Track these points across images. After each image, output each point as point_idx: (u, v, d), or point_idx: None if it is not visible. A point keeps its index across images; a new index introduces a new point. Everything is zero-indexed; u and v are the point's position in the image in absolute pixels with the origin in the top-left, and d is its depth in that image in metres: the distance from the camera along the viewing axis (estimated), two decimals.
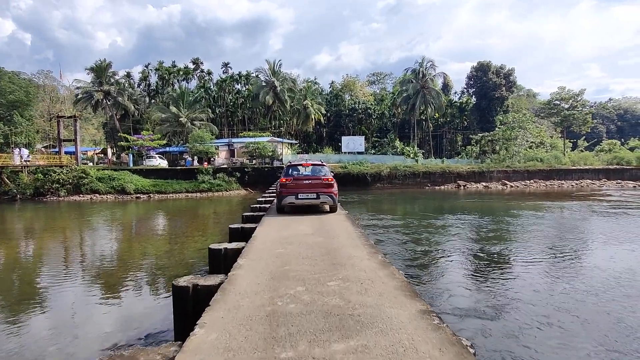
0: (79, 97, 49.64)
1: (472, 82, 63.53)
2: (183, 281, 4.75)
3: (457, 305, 7.15)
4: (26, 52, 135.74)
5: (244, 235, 8.39)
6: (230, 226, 8.76)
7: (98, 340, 6.27)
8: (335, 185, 10.33)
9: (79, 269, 10.78)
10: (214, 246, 6.78)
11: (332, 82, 72.27)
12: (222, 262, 6.73)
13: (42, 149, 49.32)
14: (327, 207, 10.45)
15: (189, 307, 4.60)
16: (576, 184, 41.91)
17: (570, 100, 52.57)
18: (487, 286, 8.34)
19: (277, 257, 5.29)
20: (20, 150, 31.01)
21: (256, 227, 8.39)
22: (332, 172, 11.22)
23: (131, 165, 38.22)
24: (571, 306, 7.07)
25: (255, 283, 4.14)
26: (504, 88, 59.22)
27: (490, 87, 58.88)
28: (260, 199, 14.90)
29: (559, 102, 53.08)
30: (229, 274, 4.57)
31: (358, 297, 3.62)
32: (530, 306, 7.03)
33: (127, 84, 56.56)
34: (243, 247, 6.58)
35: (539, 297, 7.52)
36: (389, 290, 3.82)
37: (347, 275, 4.32)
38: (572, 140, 62.82)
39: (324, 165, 10.96)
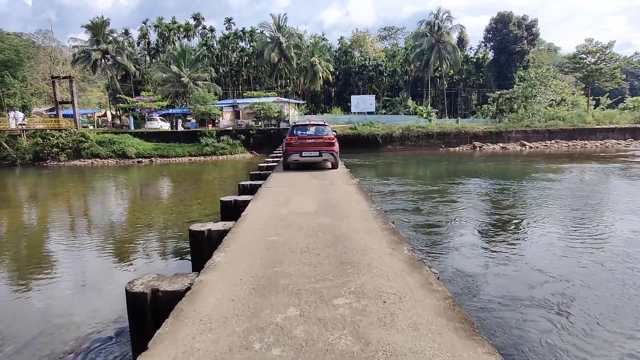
0: (76, 57, 47.52)
1: (490, 36, 59.32)
2: (140, 284, 3.51)
3: (486, 293, 5.89)
4: (27, 13, 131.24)
5: (237, 209, 7.12)
6: (221, 199, 7.47)
7: (64, 338, 5.20)
8: (337, 144, 11.15)
9: (67, 245, 9.76)
10: (195, 227, 5.52)
11: (341, 38, 68.49)
12: (205, 246, 5.51)
13: (44, 112, 48.14)
14: (329, 165, 11.31)
15: (148, 318, 3.41)
16: (600, 144, 39.52)
17: (598, 54, 48.67)
18: (515, 269, 7.04)
19: (267, 249, 3.98)
20: (15, 113, 29.71)
21: (251, 199, 7.11)
22: (334, 131, 11.95)
23: (132, 128, 36.90)
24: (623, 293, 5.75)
25: (229, 299, 2.84)
26: (525, 41, 55.17)
27: (511, 40, 54.87)
28: (262, 165, 13.54)
29: (585, 56, 49.21)
30: (196, 279, 3.28)
31: (381, 333, 2.30)
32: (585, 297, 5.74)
33: (126, 43, 53.95)
34: (230, 229, 5.33)
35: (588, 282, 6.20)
36: (427, 317, 2.49)
37: (361, 286, 2.99)
38: (594, 98, 59.13)
39: (326, 125, 11.74)
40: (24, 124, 29.93)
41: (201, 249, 5.55)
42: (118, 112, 48.60)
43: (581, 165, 24.32)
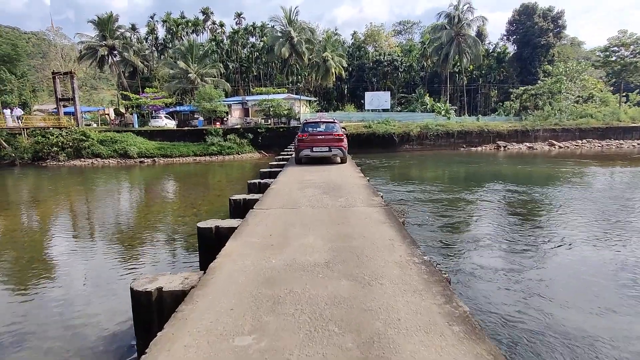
0: (82, 53, 46.33)
1: (513, 28, 56.21)
2: None
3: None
4: (46, 13, 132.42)
5: (220, 241, 5.09)
6: (198, 225, 5.49)
7: None
8: (345, 140, 11.85)
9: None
10: (139, 286, 3.60)
11: (355, 33, 65.98)
12: (154, 315, 3.53)
13: (51, 110, 47.17)
14: (338, 160, 11.89)
15: None
16: (638, 144, 36.38)
17: (632, 46, 45.17)
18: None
19: None
20: (13, 110, 28.35)
21: (237, 227, 5.09)
22: (343, 128, 12.59)
23: (136, 126, 35.36)
24: None
25: None
26: (551, 34, 52.00)
27: (536, 33, 51.73)
28: (264, 170, 11.54)
29: (618, 49, 45.77)
30: None
31: None
32: None
33: (133, 39, 52.63)
34: (192, 289, 3.38)
35: None
36: None
37: None
38: (625, 94, 55.43)
39: (336, 122, 12.24)
40: (19, 117, 28.55)
41: (148, 320, 3.54)
42: (128, 110, 47.30)
43: (623, 169, 21.65)
